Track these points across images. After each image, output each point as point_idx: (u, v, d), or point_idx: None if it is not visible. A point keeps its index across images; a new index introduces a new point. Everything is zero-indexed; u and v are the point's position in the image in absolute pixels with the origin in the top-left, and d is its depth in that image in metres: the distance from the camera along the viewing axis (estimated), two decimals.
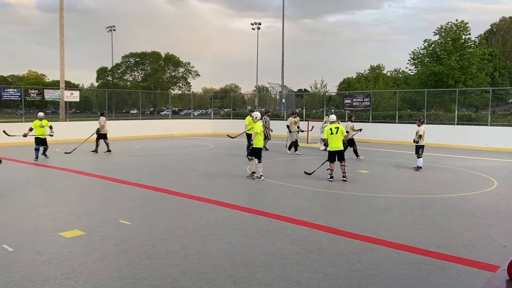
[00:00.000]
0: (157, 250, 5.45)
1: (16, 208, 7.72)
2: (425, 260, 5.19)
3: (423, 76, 34.48)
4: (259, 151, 10.90)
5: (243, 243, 5.78)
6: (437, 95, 28.03)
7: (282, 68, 40.14)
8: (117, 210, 7.61)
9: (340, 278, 4.61)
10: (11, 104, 42.71)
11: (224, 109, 46.07)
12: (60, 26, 25.83)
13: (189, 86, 72.55)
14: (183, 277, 4.60)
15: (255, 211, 7.56)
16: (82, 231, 6.22)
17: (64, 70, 26.04)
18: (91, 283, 4.41)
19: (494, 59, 38.96)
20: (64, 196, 8.97)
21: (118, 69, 70.49)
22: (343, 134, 10.82)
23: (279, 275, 4.66)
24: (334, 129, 10.72)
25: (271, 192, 9.32)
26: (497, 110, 32.55)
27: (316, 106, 35.89)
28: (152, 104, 58.18)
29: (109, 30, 66.80)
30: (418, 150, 12.74)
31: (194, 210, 7.70)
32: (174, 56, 70.60)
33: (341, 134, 10.74)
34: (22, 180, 10.78)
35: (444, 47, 33.95)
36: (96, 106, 49.67)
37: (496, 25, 57.46)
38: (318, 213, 7.54)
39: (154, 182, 10.31)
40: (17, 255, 5.23)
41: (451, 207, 8.06)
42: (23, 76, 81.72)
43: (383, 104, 32.49)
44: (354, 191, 9.55)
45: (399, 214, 7.49)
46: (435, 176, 11.87)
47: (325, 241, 5.91)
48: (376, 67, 56.79)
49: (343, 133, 10.80)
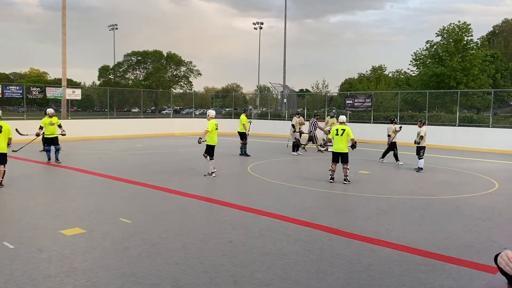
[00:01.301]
0: (158, 248, 5.46)
1: (17, 205, 7.73)
2: (425, 261, 5.19)
3: (424, 77, 34.43)
4: (212, 148, 11.15)
5: (243, 242, 5.78)
6: (439, 97, 27.98)
7: (284, 68, 40.14)
8: (118, 209, 7.61)
9: (340, 278, 4.61)
10: (13, 101, 42.80)
11: (225, 108, 46.02)
12: (63, 24, 25.85)
13: (190, 85, 72.53)
14: (183, 276, 4.60)
15: (256, 210, 7.56)
16: (82, 229, 6.23)
17: (66, 68, 26.06)
18: (91, 281, 4.42)
19: (496, 60, 38.88)
20: (65, 194, 8.98)
21: (120, 67, 70.49)
22: (349, 136, 10.52)
23: (279, 275, 4.66)
24: (340, 131, 10.53)
25: (272, 192, 9.32)
26: (498, 112, 32.49)
27: (317, 107, 35.86)
28: (153, 103, 58.11)
29: (111, 29, 66.98)
30: (419, 151, 12.74)
31: (195, 209, 7.71)
32: (176, 55, 70.58)
33: (347, 136, 10.51)
34: (23, 177, 10.79)
35: (446, 48, 33.90)
36: (98, 104, 49.71)
37: (498, 26, 57.32)
38: (319, 214, 7.54)
39: (155, 181, 10.32)
40: (18, 252, 5.24)
41: (452, 208, 8.05)
42: (25, 73, 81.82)
43: (384, 105, 32.45)
44: (355, 191, 9.54)
45: (400, 215, 7.49)
46: (436, 177, 11.86)
47: (326, 241, 5.91)
48: (377, 67, 56.74)
49: (349, 136, 10.52)
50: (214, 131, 11.11)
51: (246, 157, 15.45)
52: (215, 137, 11.22)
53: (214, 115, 11.57)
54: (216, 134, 11.25)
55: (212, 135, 11.09)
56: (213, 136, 11.12)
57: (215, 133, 11.19)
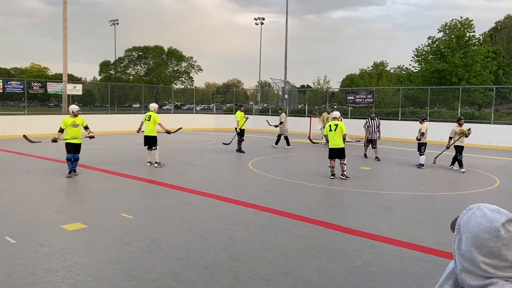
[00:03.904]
0: (159, 244, 5.47)
1: (18, 200, 7.75)
2: (426, 257, 5.19)
3: (426, 73, 34.33)
4: (155, 139, 12.22)
5: (244, 238, 5.79)
6: (440, 93, 27.93)
7: (285, 63, 40.00)
8: (119, 204, 7.63)
9: (341, 274, 4.61)
10: (14, 96, 42.83)
11: (226, 104, 45.97)
12: (64, 19, 25.79)
13: (191, 80, 72.51)
14: (184, 271, 4.61)
15: (257, 206, 7.56)
16: (84, 224, 6.24)
17: (67, 63, 26.03)
18: (92, 275, 4.43)
19: (498, 57, 38.75)
20: (66, 189, 8.99)
21: (120, 63, 70.45)
22: (343, 132, 10.54)
23: (280, 271, 4.67)
24: (333, 126, 10.55)
25: (273, 188, 9.32)
26: (500, 108, 32.37)
27: (318, 102, 35.81)
28: (154, 99, 58.08)
29: (112, 24, 66.77)
30: (420, 148, 12.73)
31: (196, 204, 7.71)
32: (177, 50, 70.49)
33: (341, 132, 10.51)
34: (24, 172, 10.81)
35: (448, 44, 33.78)
36: (99, 99, 49.72)
37: (500, 22, 57.07)
38: (320, 210, 7.54)
39: (156, 176, 10.33)
40: (19, 247, 5.25)
41: (453, 205, 8.05)
42: (25, 68, 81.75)
43: (386, 101, 32.43)
44: (356, 188, 9.54)
45: (401, 211, 7.49)
46: (437, 173, 11.85)
47: (327, 237, 5.92)
48: (379, 63, 56.65)
49: (343, 131, 10.54)
50: (152, 123, 12.18)
51: (242, 153, 15.23)
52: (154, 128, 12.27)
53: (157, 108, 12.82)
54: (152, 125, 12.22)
55: (152, 125, 12.18)
56: (152, 127, 12.16)
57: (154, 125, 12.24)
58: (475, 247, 1.18)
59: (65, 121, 10.11)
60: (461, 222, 1.25)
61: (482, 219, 1.19)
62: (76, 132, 10.12)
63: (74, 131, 10.09)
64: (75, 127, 10.11)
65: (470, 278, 1.20)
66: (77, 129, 10.15)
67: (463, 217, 1.25)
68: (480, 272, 1.17)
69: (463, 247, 1.22)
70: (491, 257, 1.16)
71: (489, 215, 1.19)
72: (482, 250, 1.17)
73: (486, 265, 1.16)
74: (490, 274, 1.16)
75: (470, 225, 1.21)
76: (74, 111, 10.21)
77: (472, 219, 1.22)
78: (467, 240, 1.20)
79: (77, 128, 10.15)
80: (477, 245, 1.18)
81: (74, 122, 10.13)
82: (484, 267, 1.16)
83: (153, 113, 12.34)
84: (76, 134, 10.10)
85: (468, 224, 1.22)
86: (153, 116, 12.22)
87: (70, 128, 10.06)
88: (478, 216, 1.21)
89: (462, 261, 1.22)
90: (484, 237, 1.17)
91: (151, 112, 12.39)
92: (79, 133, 10.21)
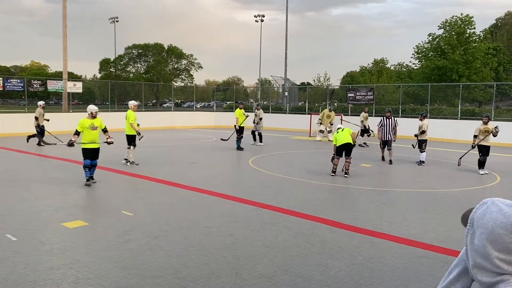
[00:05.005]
0: (159, 241, 5.47)
1: (19, 198, 7.75)
2: (427, 254, 5.19)
3: (427, 70, 34.30)
4: (132, 138, 11.92)
5: (245, 235, 5.79)
6: (441, 90, 27.89)
7: (285, 61, 40.00)
8: (120, 201, 7.63)
9: (342, 271, 4.62)
10: (14, 94, 42.83)
11: (226, 101, 45.96)
12: (64, 16, 25.76)
13: (191, 78, 72.35)
14: (184, 268, 4.61)
15: (258, 203, 7.56)
16: (85, 222, 6.25)
17: (67, 61, 26.02)
18: (93, 273, 4.44)
19: (498, 53, 38.67)
20: (67, 186, 8.99)
21: (121, 60, 70.28)
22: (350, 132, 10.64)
23: (281, 268, 4.67)
24: (339, 130, 10.73)
25: (274, 185, 9.32)
26: (500, 105, 32.40)
27: (319, 100, 35.80)
28: (154, 96, 58.11)
29: (112, 21, 66.64)
30: (421, 145, 12.72)
31: (196, 202, 7.71)
32: (177, 48, 70.31)
33: (348, 131, 10.60)
34: (24, 170, 10.81)
35: (448, 41, 33.72)
36: (99, 97, 49.68)
37: (501, 19, 56.89)
38: (320, 207, 7.54)
39: (156, 174, 10.33)
40: (20, 244, 5.25)
41: (453, 201, 8.05)
42: (26, 66, 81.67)
43: (386, 98, 32.39)
44: (357, 185, 9.54)
45: (401, 208, 7.49)
46: (438, 170, 11.85)
47: (327, 234, 5.92)
48: (379, 61, 56.50)
49: (349, 131, 10.65)
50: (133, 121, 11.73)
51: (242, 151, 15.24)
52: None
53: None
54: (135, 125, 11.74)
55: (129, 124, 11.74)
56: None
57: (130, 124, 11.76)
58: (489, 242, 1.15)
59: (82, 122, 8.94)
60: (475, 216, 1.22)
61: (498, 214, 1.17)
62: (94, 135, 9.01)
63: (92, 134, 8.97)
64: (94, 130, 8.99)
65: (481, 274, 1.19)
66: (95, 132, 9.03)
67: (477, 211, 1.22)
68: (493, 268, 1.16)
69: (477, 242, 1.19)
70: (505, 253, 1.14)
71: (505, 210, 1.17)
72: (497, 245, 1.14)
73: (500, 261, 1.14)
74: (503, 270, 1.14)
75: (485, 220, 1.18)
76: (93, 112, 9.07)
77: (487, 213, 1.19)
78: (481, 235, 1.18)
79: (96, 131, 9.05)
80: (492, 240, 1.15)
81: (93, 124, 8.98)
82: (498, 263, 1.15)
83: (128, 111, 11.84)
84: (94, 138, 9.02)
85: (483, 219, 1.19)
86: (127, 114, 11.78)
87: (87, 131, 8.91)
88: (494, 211, 1.18)
89: (475, 256, 1.20)
90: (500, 233, 1.14)
91: (128, 110, 11.90)
92: (97, 136, 9.10)
